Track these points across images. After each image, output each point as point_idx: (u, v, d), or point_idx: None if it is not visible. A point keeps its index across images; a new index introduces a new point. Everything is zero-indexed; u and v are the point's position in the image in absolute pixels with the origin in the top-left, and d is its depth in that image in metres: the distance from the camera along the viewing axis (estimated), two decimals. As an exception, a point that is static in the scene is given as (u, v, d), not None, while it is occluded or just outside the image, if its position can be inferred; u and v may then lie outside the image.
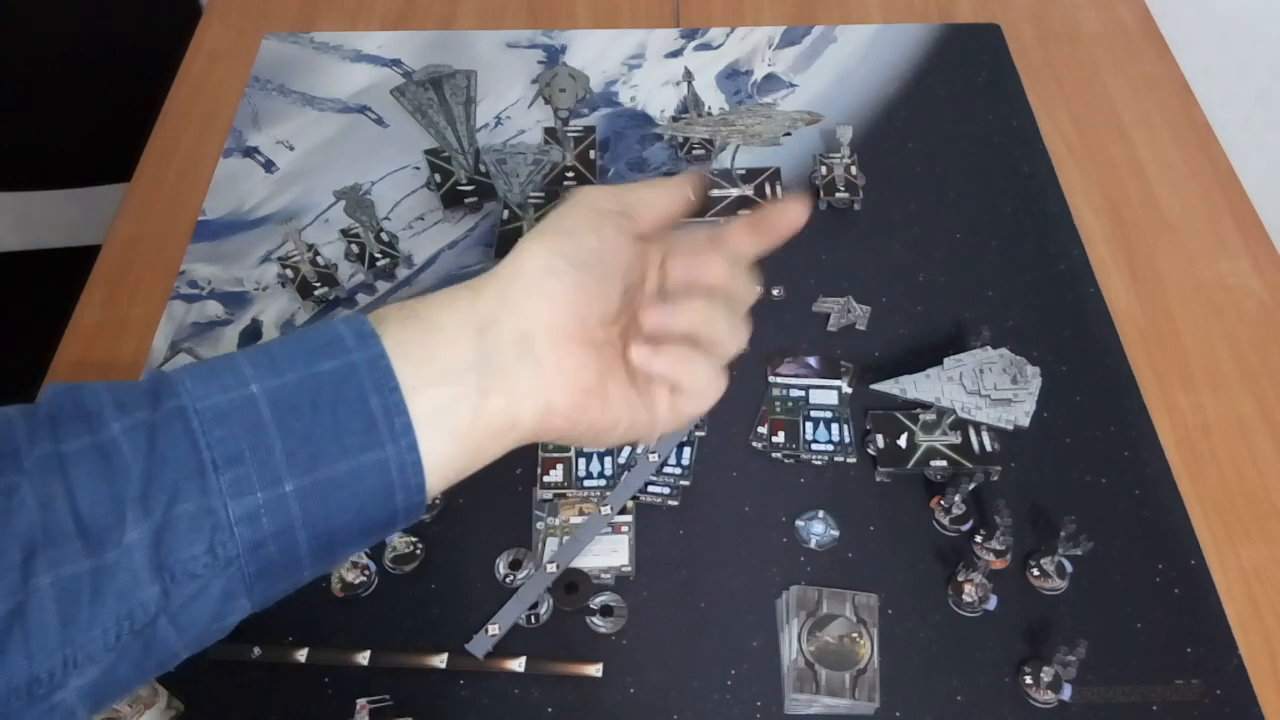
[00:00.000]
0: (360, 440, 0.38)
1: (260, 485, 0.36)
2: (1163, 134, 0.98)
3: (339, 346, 0.39)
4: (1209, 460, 0.75)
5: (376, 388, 0.38)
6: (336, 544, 0.39)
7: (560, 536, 0.69)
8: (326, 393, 0.38)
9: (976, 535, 0.69)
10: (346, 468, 0.38)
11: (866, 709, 0.63)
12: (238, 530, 0.36)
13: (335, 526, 0.38)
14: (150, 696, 0.61)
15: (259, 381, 0.37)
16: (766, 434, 0.75)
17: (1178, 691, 0.64)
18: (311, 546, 0.38)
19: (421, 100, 0.89)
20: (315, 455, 0.37)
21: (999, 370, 0.75)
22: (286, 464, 0.37)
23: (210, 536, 0.36)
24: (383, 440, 0.38)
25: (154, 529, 0.35)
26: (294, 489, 0.37)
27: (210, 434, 0.36)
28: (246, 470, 0.36)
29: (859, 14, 1.11)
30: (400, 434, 0.38)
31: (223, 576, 0.37)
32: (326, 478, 0.37)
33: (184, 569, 0.36)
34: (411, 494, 0.39)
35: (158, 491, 0.36)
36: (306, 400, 0.37)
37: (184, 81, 1.04)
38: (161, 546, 0.36)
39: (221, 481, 0.36)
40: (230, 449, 0.36)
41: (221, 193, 0.93)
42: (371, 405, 0.38)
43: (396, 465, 0.38)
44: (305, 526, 0.37)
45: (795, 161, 0.94)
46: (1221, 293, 0.86)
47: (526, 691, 0.64)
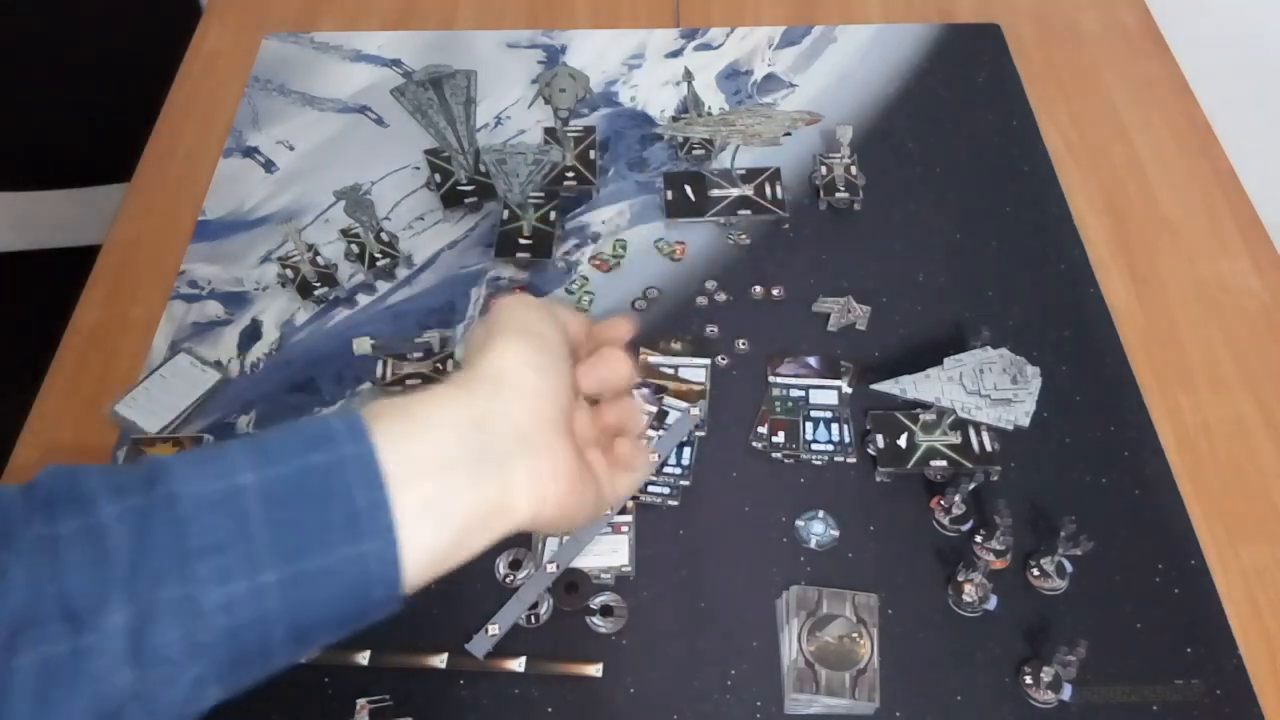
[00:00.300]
0: (343, 534, 0.38)
1: (241, 574, 0.37)
2: (1163, 134, 0.98)
3: (331, 440, 0.39)
4: (1209, 460, 0.75)
5: (364, 483, 0.39)
6: (310, 634, 0.39)
7: (560, 536, 0.69)
8: (314, 485, 0.38)
9: (976, 535, 0.69)
10: (327, 561, 0.38)
11: (866, 709, 0.63)
12: (214, 618, 0.36)
13: (311, 617, 0.39)
14: (150, 696, 0.61)
15: (251, 471, 0.38)
16: (766, 434, 0.75)
17: (1178, 691, 0.64)
18: (286, 636, 0.38)
19: (421, 100, 0.89)
20: (299, 547, 0.38)
21: (999, 370, 0.75)
22: (269, 554, 0.37)
23: (188, 623, 0.36)
24: (363, 535, 0.38)
25: (136, 613, 0.36)
26: (275, 579, 0.37)
27: (198, 521, 0.37)
28: (229, 560, 0.36)
29: (859, 14, 1.11)
30: (382, 530, 0.39)
31: (196, 664, 0.37)
32: (307, 570, 0.38)
33: (159, 654, 0.36)
34: (388, 587, 0.40)
35: (142, 577, 0.36)
36: (294, 492, 0.38)
37: (184, 81, 1.04)
38: (141, 632, 0.36)
39: (204, 569, 0.36)
40: (215, 538, 0.37)
41: (221, 193, 0.93)
42: (357, 501, 0.38)
43: (376, 560, 0.39)
44: (282, 616, 0.38)
45: (795, 161, 0.94)
46: (1221, 293, 0.86)
47: (526, 691, 0.64)
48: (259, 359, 0.81)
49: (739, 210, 0.90)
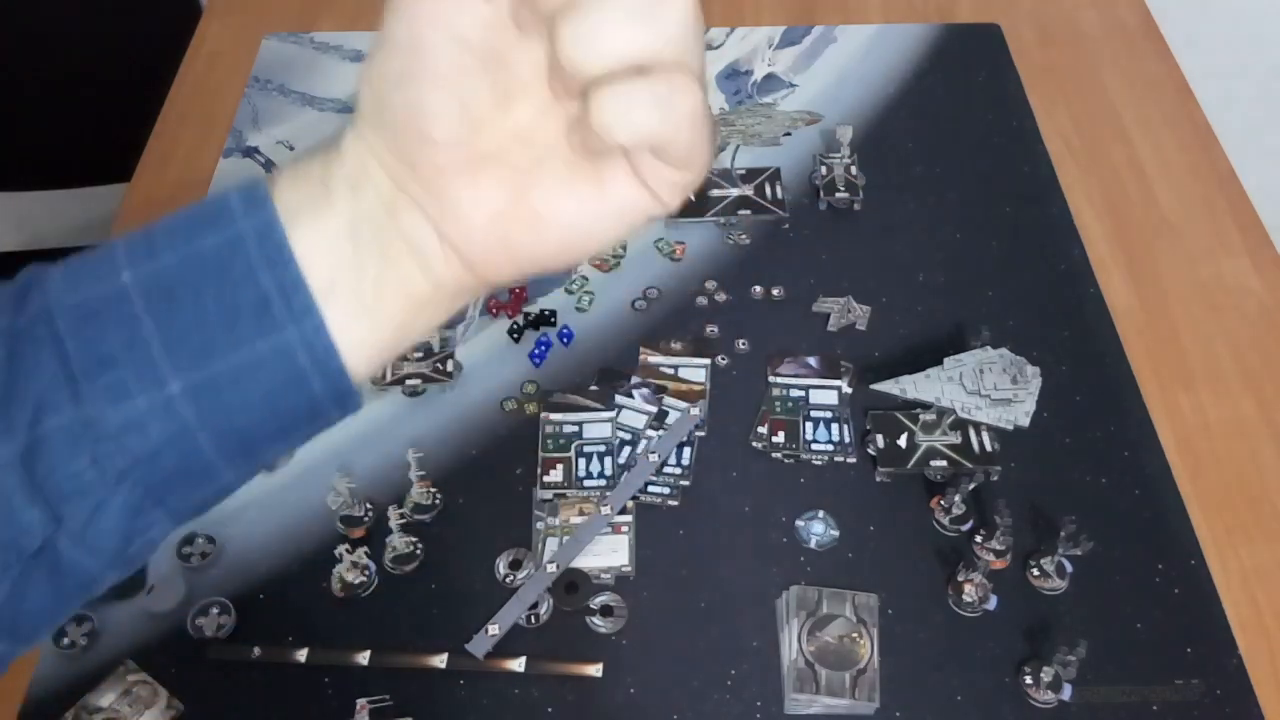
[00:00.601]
0: (254, 325, 0.32)
1: (140, 389, 0.32)
2: (1163, 134, 0.98)
3: (225, 216, 0.33)
4: (1209, 460, 0.75)
5: (268, 261, 0.32)
6: (254, 442, 0.34)
7: (560, 536, 0.69)
8: (210, 273, 0.32)
9: (976, 535, 0.69)
10: (241, 358, 0.32)
11: (866, 709, 0.63)
12: (122, 440, 0.32)
13: (243, 424, 0.33)
14: (150, 697, 0.61)
15: (131, 267, 0.32)
16: (766, 434, 0.75)
17: (1178, 691, 0.64)
18: (221, 449, 0.33)
19: (421, 100, 0.89)
20: (203, 348, 0.32)
21: (999, 370, 0.75)
22: (169, 361, 0.32)
23: (91, 449, 0.32)
24: (281, 322, 0.32)
25: (20, 448, 0.32)
26: (181, 389, 0.32)
27: (79, 335, 0.32)
28: (121, 373, 0.31)
29: (859, 14, 1.11)
30: (301, 314, 0.32)
31: (120, 491, 0.33)
32: (219, 372, 0.32)
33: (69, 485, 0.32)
34: (333, 378, 0.33)
35: (20, 407, 0.32)
36: (187, 284, 0.32)
37: (184, 81, 1.04)
38: (35, 465, 0.32)
39: (95, 388, 0.31)
40: (101, 350, 0.31)
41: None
42: (263, 282, 0.32)
43: (304, 348, 0.32)
44: (205, 428, 0.32)
45: (795, 161, 0.94)
46: (1221, 293, 0.86)
47: (526, 691, 0.64)
48: (259, 359, 0.81)
49: (739, 210, 0.90)
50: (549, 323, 0.82)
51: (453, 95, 0.32)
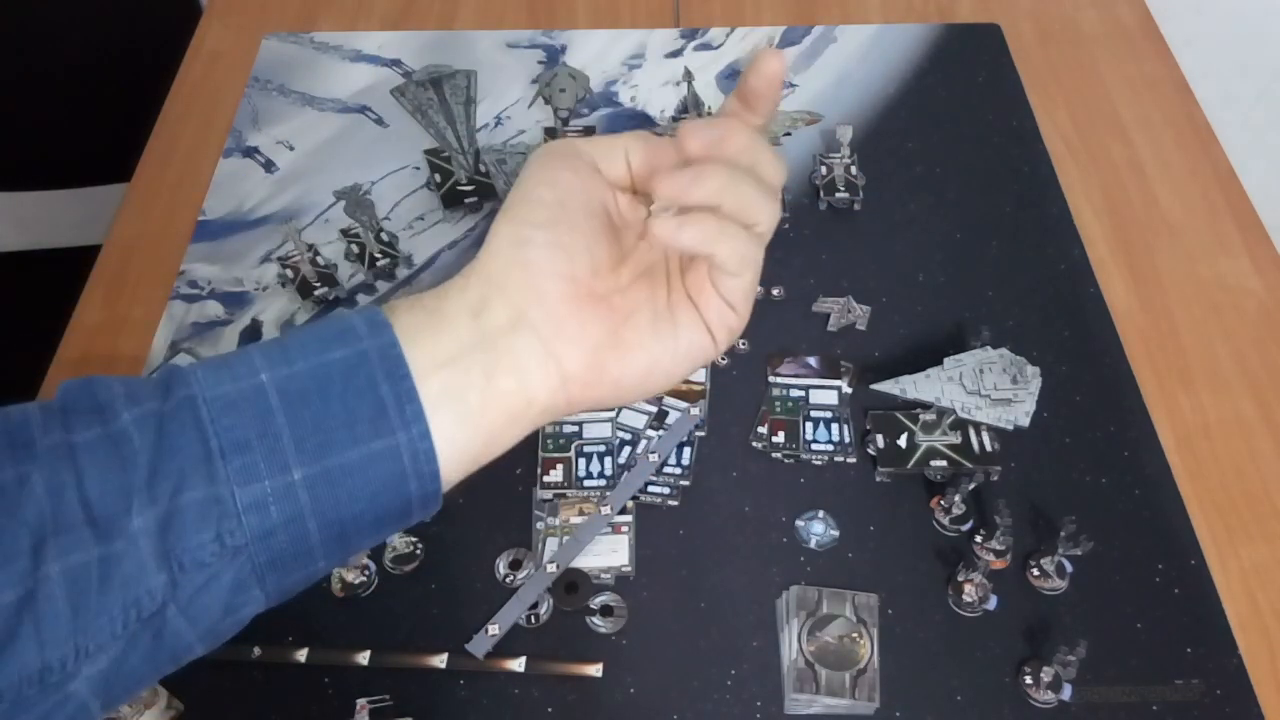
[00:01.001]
0: (370, 428, 0.37)
1: (268, 473, 0.36)
2: (1163, 134, 0.98)
3: (351, 335, 0.38)
4: (1209, 460, 0.75)
5: (387, 375, 0.38)
6: (350, 534, 0.38)
7: (560, 536, 0.69)
8: (336, 381, 0.37)
9: (976, 535, 0.69)
10: (357, 455, 0.37)
11: (866, 709, 0.63)
12: (245, 519, 0.36)
13: (347, 516, 0.38)
14: (150, 697, 0.61)
15: (269, 370, 0.37)
16: (766, 434, 0.75)
17: (1178, 691, 0.64)
18: (323, 536, 0.37)
19: (421, 100, 0.89)
20: (325, 443, 0.37)
21: (999, 370, 0.75)
22: (295, 451, 0.36)
23: (217, 525, 0.36)
24: (394, 427, 0.37)
25: (160, 516, 0.35)
26: (302, 477, 0.36)
27: (218, 422, 0.36)
28: (254, 458, 0.36)
29: (859, 14, 1.11)
30: (411, 421, 0.38)
31: (232, 566, 0.36)
32: (336, 465, 0.37)
33: (191, 557, 0.36)
34: (425, 482, 0.38)
35: (164, 479, 0.35)
36: (316, 388, 0.37)
37: (184, 81, 1.04)
38: (168, 534, 0.35)
39: (228, 469, 0.36)
40: (238, 436, 0.36)
41: (221, 193, 0.93)
42: (382, 393, 0.37)
43: (409, 453, 0.38)
44: (315, 515, 0.37)
45: (795, 161, 0.94)
46: (1221, 293, 0.86)
47: (526, 691, 0.64)
48: (259, 359, 0.81)
49: (739, 210, 0.90)
50: (549, 323, 0.82)
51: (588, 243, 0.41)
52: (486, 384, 0.39)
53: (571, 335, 0.40)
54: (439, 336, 0.39)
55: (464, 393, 0.39)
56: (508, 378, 0.40)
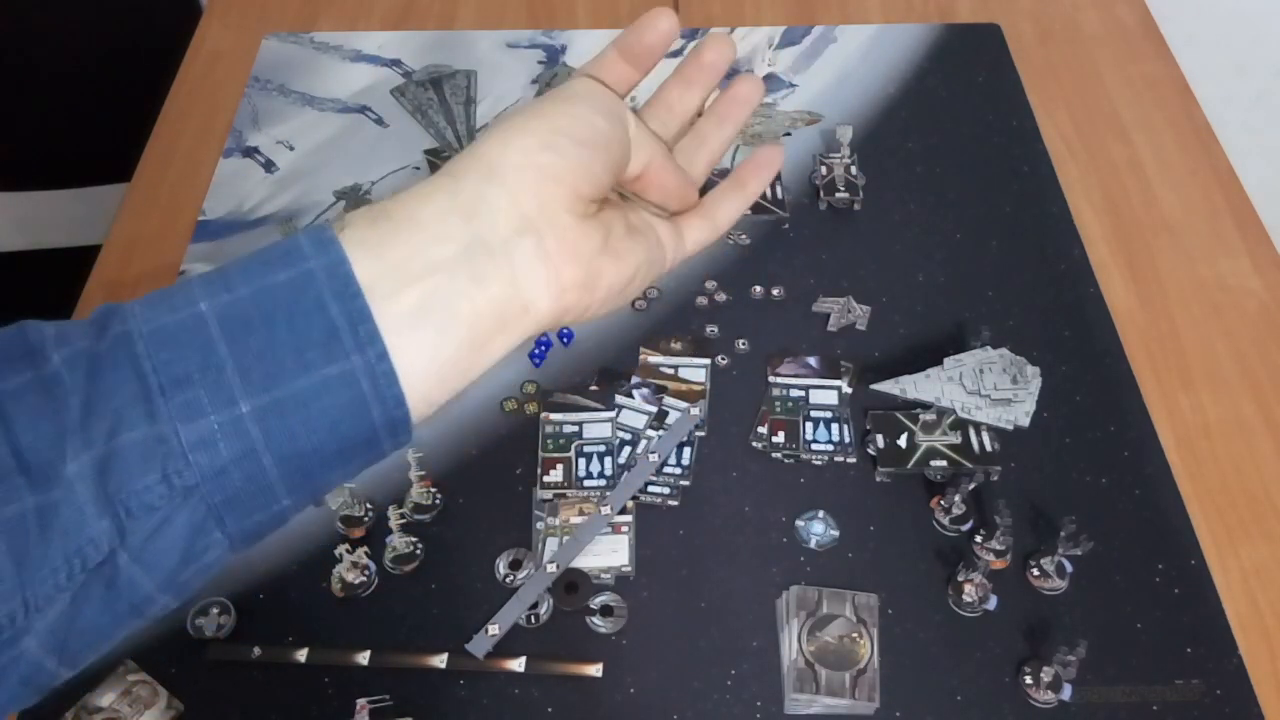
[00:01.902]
0: (321, 353, 0.35)
1: (213, 407, 0.34)
2: (1163, 134, 0.98)
3: (295, 255, 0.36)
4: (1209, 460, 0.75)
5: (336, 294, 0.35)
6: (312, 468, 0.36)
7: (560, 536, 0.69)
8: (281, 304, 0.35)
9: (976, 535, 0.69)
10: (308, 383, 0.34)
11: (866, 709, 0.63)
12: (193, 456, 0.34)
13: (305, 448, 0.35)
14: (150, 697, 0.61)
15: (208, 299, 0.35)
16: (766, 434, 0.75)
17: (1178, 691, 0.64)
18: (282, 471, 0.35)
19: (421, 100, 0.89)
20: (272, 372, 0.34)
21: (999, 370, 0.75)
22: (241, 383, 0.34)
23: (163, 465, 0.33)
24: (347, 350, 0.35)
25: (96, 460, 0.33)
26: (251, 409, 0.34)
27: (156, 357, 0.34)
28: (196, 392, 0.34)
29: (859, 14, 1.11)
30: (366, 342, 0.35)
31: (184, 508, 0.34)
32: (287, 395, 0.34)
33: (138, 500, 0.33)
34: (390, 407, 0.36)
35: (99, 420, 0.33)
36: (259, 314, 0.35)
37: (184, 81, 1.04)
38: (108, 478, 0.33)
39: (170, 406, 0.33)
40: (178, 371, 0.34)
41: (221, 193, 0.93)
42: (332, 314, 0.35)
43: (366, 376, 0.35)
44: (269, 449, 0.35)
45: (795, 161, 0.94)
46: (1221, 293, 0.86)
47: (526, 691, 0.64)
48: (259, 359, 0.81)
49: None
50: (549, 323, 0.82)
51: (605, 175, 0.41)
52: (476, 291, 0.37)
53: (573, 243, 0.40)
54: (413, 247, 0.37)
55: (450, 302, 0.37)
56: (498, 284, 0.38)
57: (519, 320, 0.39)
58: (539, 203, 0.39)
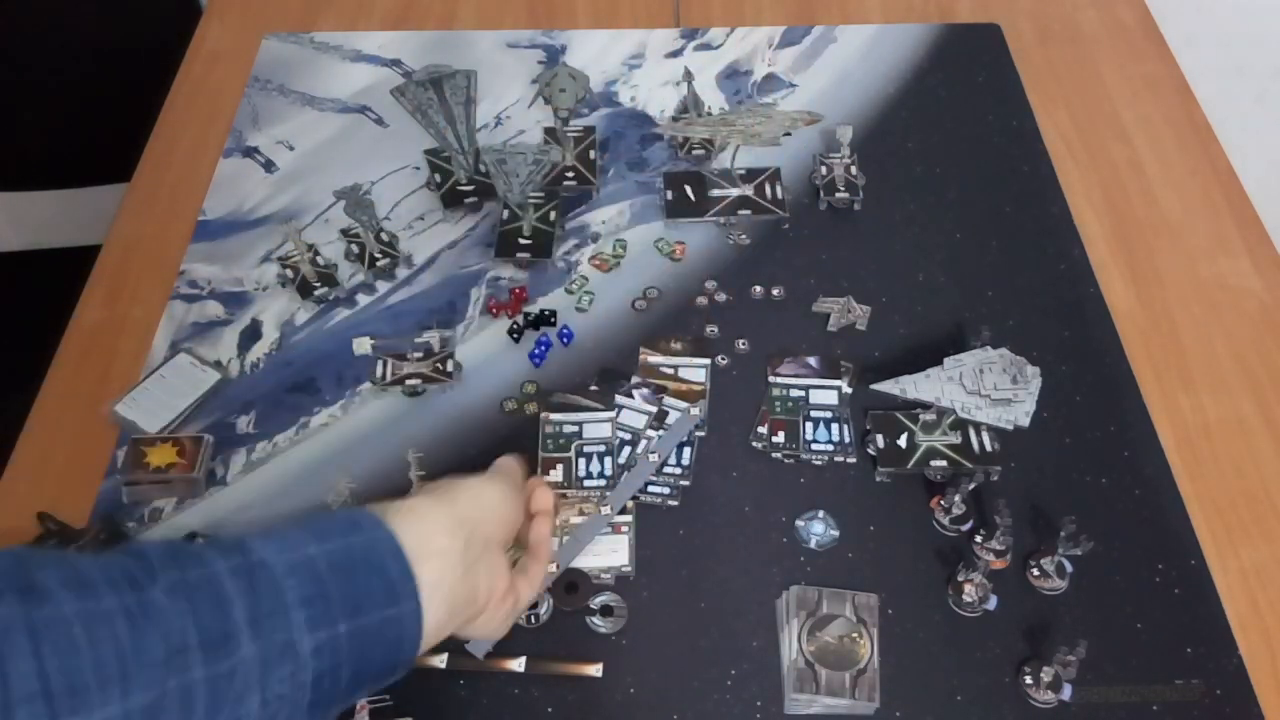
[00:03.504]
0: (384, 598, 0.47)
1: (324, 624, 0.44)
2: (1163, 134, 0.98)
3: (360, 526, 0.49)
4: (1209, 460, 0.75)
5: (393, 557, 0.48)
6: (362, 684, 0.47)
7: (560, 536, 0.69)
8: (359, 558, 0.47)
9: (976, 535, 0.69)
10: (376, 618, 0.46)
11: (866, 709, 0.63)
12: (310, 661, 0.44)
13: (365, 668, 0.46)
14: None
15: (314, 545, 0.47)
16: (766, 434, 0.75)
17: (1178, 691, 0.64)
18: (348, 683, 0.46)
19: (421, 100, 0.89)
20: (358, 605, 0.46)
21: (999, 370, 0.75)
22: (340, 610, 0.45)
23: (293, 664, 0.43)
24: (398, 599, 0.48)
25: (261, 649, 0.42)
26: (346, 630, 0.45)
27: (288, 580, 0.44)
28: (315, 612, 0.44)
29: (859, 14, 1.11)
30: (410, 595, 0.48)
31: (289, 704, 0.43)
32: (367, 624, 0.46)
33: (273, 690, 0.42)
34: (411, 647, 0.48)
35: (263, 619, 0.43)
36: (348, 562, 0.47)
37: (184, 81, 1.04)
38: (267, 665, 0.42)
39: (298, 618, 0.44)
40: (303, 593, 0.44)
41: (221, 193, 0.93)
42: (391, 572, 0.48)
43: (409, 620, 0.48)
44: (349, 663, 0.45)
45: (795, 161, 0.94)
46: (1221, 293, 0.86)
47: (526, 691, 0.64)
48: (259, 359, 0.81)
49: (739, 210, 0.90)
50: (549, 323, 0.82)
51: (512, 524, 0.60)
52: (462, 577, 0.51)
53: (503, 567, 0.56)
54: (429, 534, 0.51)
55: (448, 578, 0.50)
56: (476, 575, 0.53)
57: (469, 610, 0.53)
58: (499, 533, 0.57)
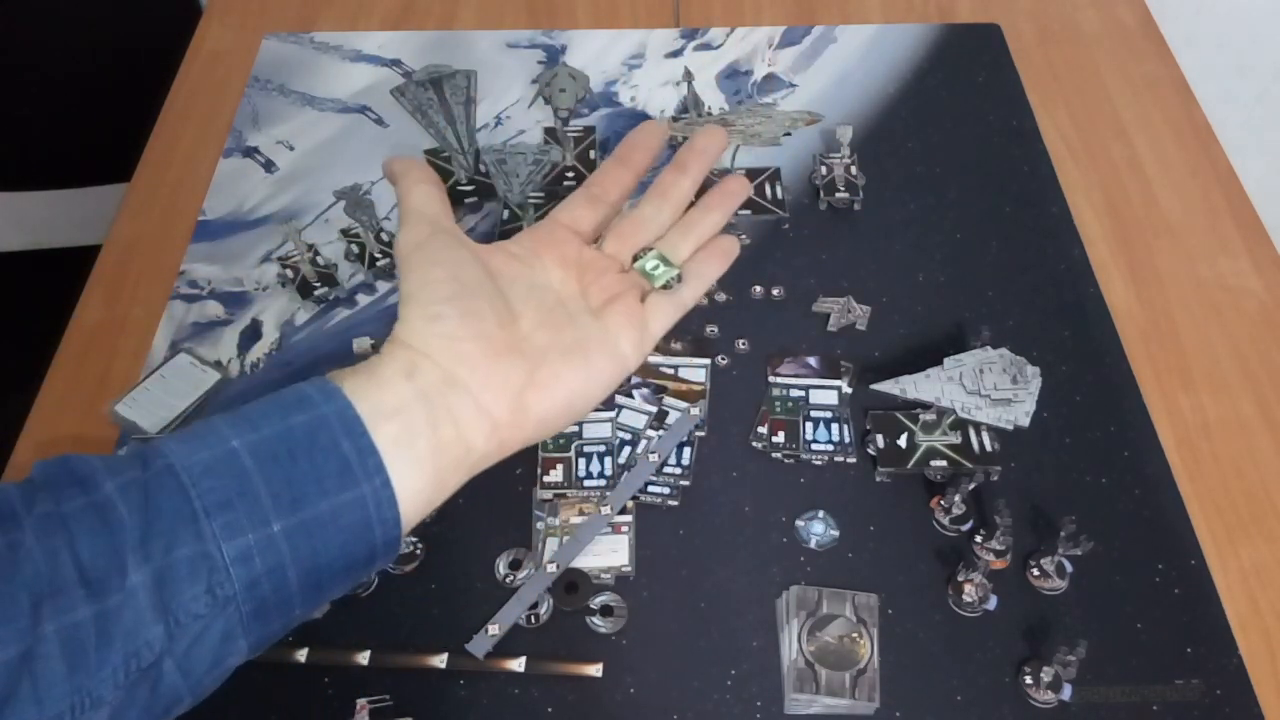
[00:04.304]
0: (337, 482, 0.41)
1: (250, 527, 0.39)
2: (1163, 134, 0.98)
3: (307, 403, 0.43)
4: (1209, 460, 0.75)
5: (347, 433, 0.42)
6: (324, 581, 0.42)
7: (560, 536, 0.69)
8: (301, 443, 0.41)
9: (976, 535, 0.69)
10: (328, 507, 0.41)
11: (866, 709, 0.63)
12: (233, 570, 0.39)
13: (322, 563, 0.41)
14: (150, 696, 0.61)
15: (238, 437, 0.41)
16: (766, 434, 0.75)
17: (1178, 691, 0.64)
18: (302, 584, 0.41)
19: (421, 100, 0.89)
20: (298, 498, 0.40)
21: (999, 370, 0.75)
22: (273, 506, 0.40)
23: (208, 578, 0.39)
24: (358, 479, 0.41)
25: (154, 572, 0.38)
26: (281, 528, 0.40)
27: (199, 485, 0.39)
28: (236, 515, 0.39)
29: (859, 14, 1.11)
30: (374, 472, 0.42)
31: (221, 617, 0.39)
32: (311, 517, 0.40)
33: (186, 610, 0.39)
34: (388, 528, 0.42)
35: (156, 538, 0.38)
36: (285, 450, 0.41)
37: (184, 81, 1.04)
38: (164, 589, 0.38)
39: (214, 526, 0.39)
40: (220, 497, 0.39)
41: (221, 193, 0.93)
42: (345, 449, 0.42)
43: (373, 501, 0.42)
44: (294, 563, 0.40)
45: (795, 161, 0.94)
46: (1221, 293, 0.86)
47: (526, 691, 0.64)
48: (259, 359, 0.81)
49: (739, 210, 0.90)
50: (549, 323, 0.82)
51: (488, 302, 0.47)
52: (432, 433, 0.44)
53: (496, 386, 0.45)
54: (382, 394, 0.44)
55: (413, 440, 0.43)
56: (448, 428, 0.44)
57: (465, 459, 0.45)
58: (457, 359, 0.45)
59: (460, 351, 0.45)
